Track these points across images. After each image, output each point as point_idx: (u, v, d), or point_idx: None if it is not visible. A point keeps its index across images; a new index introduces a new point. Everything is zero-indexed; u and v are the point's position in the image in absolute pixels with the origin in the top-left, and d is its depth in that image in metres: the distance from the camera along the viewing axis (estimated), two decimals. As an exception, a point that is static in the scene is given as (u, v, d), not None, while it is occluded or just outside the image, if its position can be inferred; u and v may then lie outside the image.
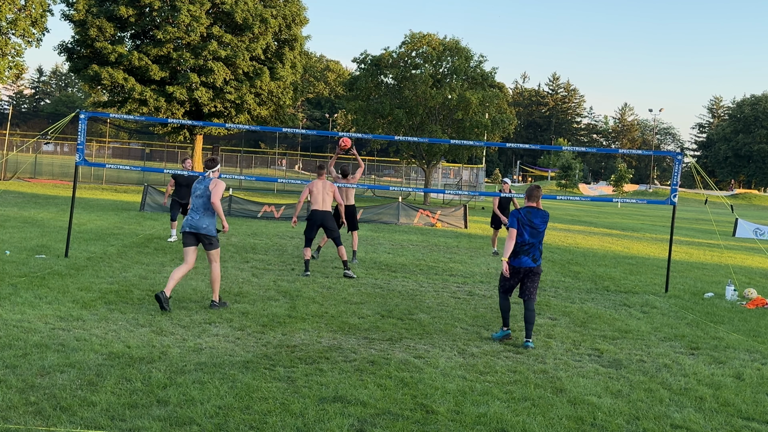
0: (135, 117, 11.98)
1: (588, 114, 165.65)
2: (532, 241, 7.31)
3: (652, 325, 8.69)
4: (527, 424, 4.93)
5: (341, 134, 12.16)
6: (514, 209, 7.60)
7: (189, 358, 5.97)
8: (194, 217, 7.98)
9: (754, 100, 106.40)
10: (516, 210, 7.47)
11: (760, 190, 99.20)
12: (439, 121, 36.71)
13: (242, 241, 14.52)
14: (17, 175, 34.52)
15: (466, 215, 22.62)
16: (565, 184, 75.52)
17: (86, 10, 30.00)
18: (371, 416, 4.92)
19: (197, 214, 7.98)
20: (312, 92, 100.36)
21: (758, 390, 6.15)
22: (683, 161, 12.14)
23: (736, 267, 15.64)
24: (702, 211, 51.25)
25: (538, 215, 7.39)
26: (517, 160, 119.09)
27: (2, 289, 8.12)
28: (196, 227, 7.93)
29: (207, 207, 7.97)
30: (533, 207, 7.45)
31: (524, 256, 7.31)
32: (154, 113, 31.17)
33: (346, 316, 8.04)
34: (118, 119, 43.35)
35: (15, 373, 5.28)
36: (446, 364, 6.35)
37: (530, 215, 7.37)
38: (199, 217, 7.95)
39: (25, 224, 15.00)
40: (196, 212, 8.00)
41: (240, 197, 22.57)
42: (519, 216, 7.37)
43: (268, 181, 14.99)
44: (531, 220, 7.33)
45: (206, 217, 7.96)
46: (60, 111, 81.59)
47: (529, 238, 7.30)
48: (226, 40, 31.20)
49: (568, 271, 13.32)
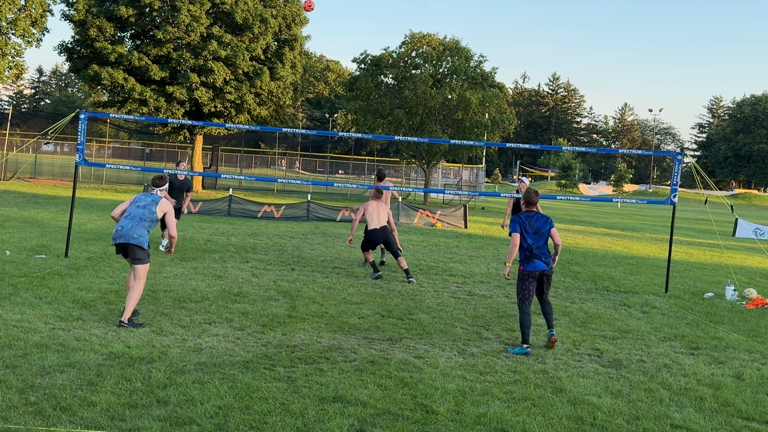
0: (135, 117, 11.99)
1: (588, 114, 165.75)
2: (538, 244, 7.25)
3: (652, 325, 8.69)
4: (527, 424, 4.93)
5: (341, 134, 12.16)
6: (515, 215, 7.57)
7: (189, 358, 5.97)
8: (126, 225, 7.14)
9: (754, 100, 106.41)
10: (516, 215, 7.45)
11: (760, 190, 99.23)
12: (439, 121, 36.71)
13: (242, 241, 14.52)
14: (17, 175, 34.52)
15: (466, 215, 22.62)
16: (565, 184, 75.54)
17: (86, 10, 29.98)
18: (371, 416, 4.92)
19: (130, 223, 7.15)
20: (312, 92, 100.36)
21: (758, 390, 6.15)
22: (683, 161, 12.14)
23: (736, 267, 15.64)
24: (702, 211, 51.27)
25: (540, 219, 7.39)
26: (517, 160, 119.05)
27: (2, 289, 8.12)
28: (126, 236, 7.07)
29: (144, 218, 7.19)
30: (533, 211, 7.46)
31: (537, 260, 7.20)
32: (154, 113, 31.16)
33: (346, 316, 8.04)
34: (118, 119, 43.35)
35: (15, 373, 5.28)
36: (446, 364, 6.35)
37: (531, 219, 7.36)
38: (132, 226, 7.13)
39: (25, 224, 15.01)
40: (129, 220, 7.18)
41: (240, 197, 22.57)
42: (521, 221, 7.33)
43: (268, 181, 14.98)
44: (532, 224, 7.32)
45: (140, 227, 7.14)
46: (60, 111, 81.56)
47: (534, 242, 7.24)
48: (226, 40, 31.19)
49: (568, 271, 13.32)
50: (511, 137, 44.44)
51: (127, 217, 7.22)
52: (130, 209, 7.29)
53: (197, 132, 34.57)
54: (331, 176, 56.43)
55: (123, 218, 7.23)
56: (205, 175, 15.30)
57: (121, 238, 7.07)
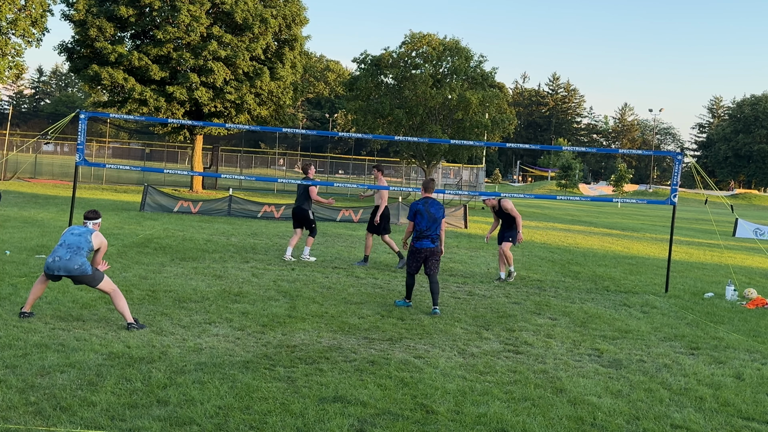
0: (135, 117, 11.99)
1: (588, 114, 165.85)
2: (431, 227, 8.66)
3: (652, 325, 8.69)
4: (527, 424, 4.93)
5: (341, 134, 12.17)
6: (414, 201, 8.90)
7: (189, 358, 5.97)
8: (63, 257, 6.79)
9: (754, 100, 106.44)
10: (414, 202, 8.78)
11: (760, 190, 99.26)
12: (439, 121, 36.71)
13: (242, 241, 14.52)
14: (17, 175, 34.52)
15: (466, 215, 22.62)
16: (565, 184, 75.57)
17: (86, 10, 29.99)
18: (371, 416, 4.92)
19: (68, 253, 6.80)
20: (312, 92, 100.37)
21: (758, 390, 6.15)
22: (683, 161, 12.13)
23: (736, 267, 15.64)
24: (702, 211, 51.26)
25: (435, 205, 8.74)
26: (517, 160, 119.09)
27: (2, 289, 8.12)
28: (67, 269, 6.77)
29: (81, 247, 6.87)
30: (430, 197, 8.83)
31: (426, 240, 8.68)
32: (154, 113, 31.16)
33: (346, 316, 8.04)
34: (118, 119, 43.35)
35: (15, 373, 5.28)
36: (446, 364, 6.35)
37: (428, 205, 8.70)
38: (70, 257, 6.79)
39: (25, 224, 15.00)
40: (66, 249, 6.83)
41: (240, 197, 22.57)
42: (418, 207, 8.68)
43: (268, 181, 14.98)
44: (429, 210, 8.68)
45: (78, 256, 6.81)
46: (60, 111, 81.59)
47: (427, 225, 8.65)
48: (226, 40, 31.19)
49: (568, 271, 13.32)
50: (511, 137, 44.44)
51: (63, 245, 6.89)
52: (66, 237, 6.96)
53: (197, 132, 34.58)
54: (331, 176, 56.43)
55: (58, 246, 6.91)
56: (205, 175, 15.31)
57: (61, 270, 6.78)
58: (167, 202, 21.11)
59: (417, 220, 8.66)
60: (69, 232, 7.06)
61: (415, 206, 8.71)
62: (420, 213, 8.65)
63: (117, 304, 6.89)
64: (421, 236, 8.66)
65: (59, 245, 6.92)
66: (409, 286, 8.87)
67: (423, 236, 8.65)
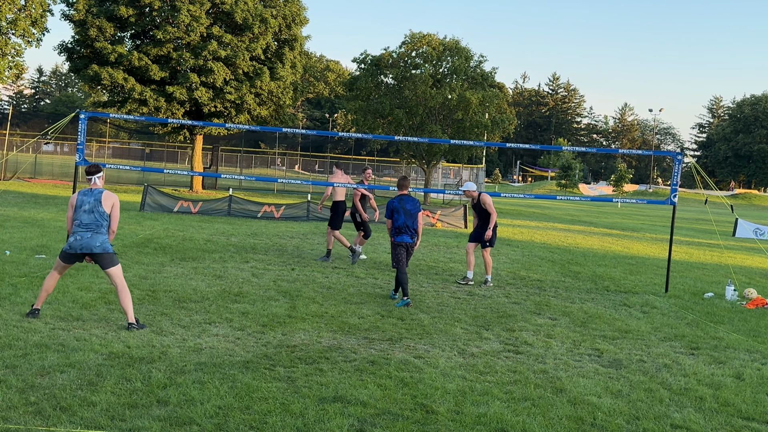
0: (135, 117, 12.00)
1: (588, 114, 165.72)
2: (408, 222, 9.17)
3: (652, 325, 8.69)
4: (527, 424, 4.93)
5: (341, 134, 12.17)
6: (390, 199, 9.29)
7: (189, 358, 5.97)
8: (84, 236, 6.89)
9: (754, 100, 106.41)
10: (391, 200, 9.22)
11: (760, 190, 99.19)
12: (439, 121, 36.70)
13: (242, 241, 14.52)
14: (17, 175, 34.52)
15: (466, 215, 22.62)
16: (565, 184, 75.53)
17: (86, 10, 29.98)
18: (371, 416, 4.92)
19: (88, 232, 6.90)
20: (312, 92, 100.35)
21: (758, 390, 6.15)
22: (683, 161, 12.13)
23: (736, 267, 15.64)
24: (702, 211, 51.27)
25: (410, 202, 9.25)
26: (517, 160, 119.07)
27: (2, 289, 8.12)
28: (89, 247, 6.87)
29: (99, 223, 6.94)
30: (405, 195, 9.30)
31: (405, 235, 9.20)
32: (154, 113, 31.15)
33: (346, 316, 8.04)
34: (118, 119, 43.35)
35: (15, 373, 5.28)
36: (446, 364, 6.35)
37: (403, 202, 9.21)
38: (91, 235, 6.89)
39: (25, 224, 15.01)
40: (86, 230, 6.91)
41: (240, 197, 22.58)
42: (394, 204, 9.18)
43: (268, 181, 15.01)
44: (404, 206, 9.18)
45: (99, 234, 6.93)
46: (60, 111, 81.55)
47: (404, 221, 9.15)
48: (226, 40, 31.18)
49: (568, 271, 13.32)
50: (511, 137, 44.43)
51: (80, 226, 6.93)
52: (81, 217, 6.95)
53: (197, 132, 34.57)
54: (331, 176, 56.28)
55: (76, 227, 6.94)
56: (205, 175, 15.30)
57: (84, 249, 6.87)
58: (167, 202, 21.12)
59: (394, 217, 9.21)
60: (80, 210, 6.97)
61: (391, 204, 9.24)
62: (396, 210, 9.21)
63: (122, 299, 6.89)
64: (401, 231, 9.20)
65: (77, 226, 6.94)
66: (404, 283, 9.02)
67: (402, 231, 9.20)
